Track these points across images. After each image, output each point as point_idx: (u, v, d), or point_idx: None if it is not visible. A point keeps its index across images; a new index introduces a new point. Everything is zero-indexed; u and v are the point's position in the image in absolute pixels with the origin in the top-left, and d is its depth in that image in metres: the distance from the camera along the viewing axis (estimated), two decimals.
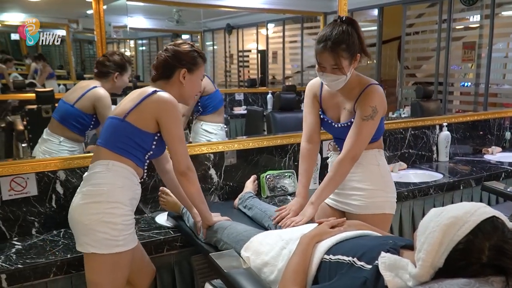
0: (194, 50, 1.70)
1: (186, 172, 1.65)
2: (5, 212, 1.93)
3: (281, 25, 6.35)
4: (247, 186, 2.32)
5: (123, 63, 2.35)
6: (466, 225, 0.97)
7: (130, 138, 1.59)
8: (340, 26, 1.65)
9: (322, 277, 1.25)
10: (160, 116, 1.59)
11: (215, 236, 1.71)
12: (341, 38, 1.63)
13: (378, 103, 1.71)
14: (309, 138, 1.92)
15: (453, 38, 5.03)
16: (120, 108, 1.64)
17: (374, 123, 1.72)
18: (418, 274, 1.01)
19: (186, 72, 1.68)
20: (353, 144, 1.72)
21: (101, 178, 1.56)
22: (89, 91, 2.30)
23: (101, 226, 1.53)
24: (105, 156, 1.59)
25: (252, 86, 6.24)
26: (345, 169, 1.74)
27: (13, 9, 4.19)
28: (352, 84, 1.75)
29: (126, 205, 1.58)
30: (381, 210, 1.80)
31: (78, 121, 2.32)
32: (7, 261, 1.71)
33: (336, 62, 1.65)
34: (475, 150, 3.53)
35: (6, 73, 4.39)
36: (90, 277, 1.60)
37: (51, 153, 2.29)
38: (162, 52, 1.70)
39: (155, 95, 1.60)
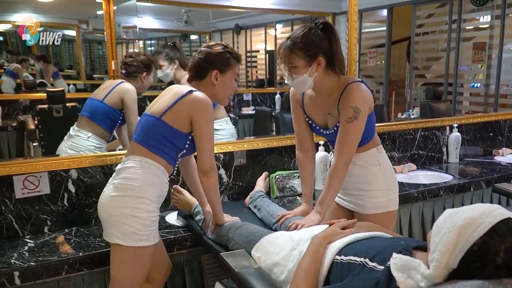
0: (227, 51, 1.72)
1: (209, 171, 1.69)
2: (18, 210, 1.96)
3: (289, 25, 6.35)
4: (258, 183, 2.32)
5: (149, 63, 2.42)
6: (481, 226, 0.97)
7: (165, 137, 1.63)
8: (308, 29, 1.65)
9: (334, 278, 1.24)
10: (194, 115, 1.63)
11: (227, 235, 1.72)
12: (299, 37, 1.63)
13: (358, 101, 1.65)
14: (301, 146, 1.91)
15: (463, 39, 5.01)
16: (156, 106, 1.68)
17: (359, 123, 1.68)
18: (431, 275, 1.00)
19: (218, 73, 1.70)
20: (343, 150, 1.70)
21: (133, 174, 1.61)
22: (116, 86, 2.36)
23: (128, 219, 1.57)
24: (140, 153, 1.63)
25: (260, 86, 6.24)
26: (341, 175, 1.73)
27: (24, 10, 4.22)
28: (331, 87, 1.71)
29: (153, 202, 1.62)
30: (386, 209, 1.80)
31: (108, 116, 2.38)
32: (20, 259, 1.73)
33: (290, 60, 1.66)
34: (485, 152, 3.50)
35: (21, 73, 4.44)
36: (113, 267, 1.65)
37: (79, 148, 2.33)
38: (196, 54, 1.74)
39: (190, 95, 1.64)
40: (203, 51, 1.72)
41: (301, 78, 1.67)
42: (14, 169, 1.93)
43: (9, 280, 1.64)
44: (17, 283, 1.65)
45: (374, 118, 1.81)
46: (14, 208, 1.95)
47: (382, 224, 1.53)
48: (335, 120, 1.74)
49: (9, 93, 4.21)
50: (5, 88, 4.27)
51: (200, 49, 1.74)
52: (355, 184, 1.80)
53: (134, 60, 2.39)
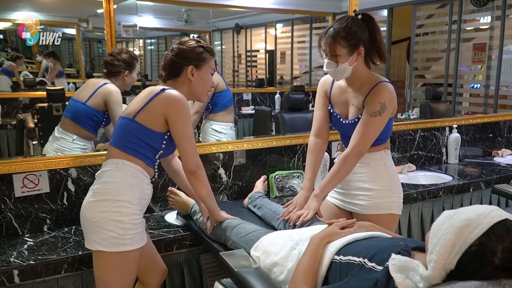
0: (199, 45, 1.69)
1: (196, 170, 1.65)
2: (17, 208, 1.96)
3: (289, 25, 6.35)
4: (257, 186, 2.33)
5: (131, 61, 2.37)
6: (479, 227, 0.97)
7: (140, 138, 1.59)
8: (351, 19, 1.70)
9: (333, 277, 1.25)
10: (168, 114, 1.59)
11: (224, 234, 1.72)
12: (343, 27, 1.68)
13: (387, 99, 1.70)
14: (317, 133, 1.93)
15: (463, 39, 5.01)
16: (130, 108, 1.64)
17: (382, 119, 1.71)
18: (429, 276, 1.01)
19: (193, 68, 1.67)
20: (359, 140, 1.72)
21: (110, 177, 1.58)
22: (100, 87, 2.32)
23: (108, 224, 1.53)
24: (116, 156, 1.60)
25: (260, 86, 6.25)
26: (350, 164, 1.75)
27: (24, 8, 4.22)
28: (363, 80, 1.76)
29: (133, 204, 1.58)
30: (388, 211, 1.80)
31: (91, 118, 2.34)
32: (19, 257, 1.73)
33: (333, 49, 1.69)
34: (484, 153, 3.51)
35: (16, 71, 4.43)
36: (97, 274, 1.61)
37: (64, 151, 2.31)
38: (168, 52, 1.70)
39: (163, 93, 1.60)
40: (175, 48, 1.68)
41: (342, 67, 1.71)
42: (13, 167, 1.93)
43: (8, 278, 1.64)
44: (16, 282, 1.65)
45: (392, 124, 1.85)
46: (13, 206, 1.95)
47: (383, 226, 1.53)
48: (358, 112, 1.77)
49: (5, 91, 4.21)
50: (2, 86, 4.27)
51: (172, 46, 1.70)
52: (358, 183, 1.81)
53: (115, 59, 2.35)
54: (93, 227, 1.55)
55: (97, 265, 1.60)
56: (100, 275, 1.60)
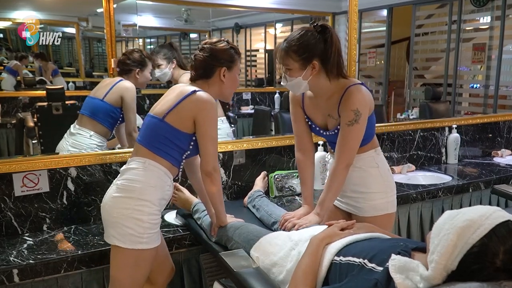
0: (231, 47, 1.71)
1: (212, 173, 1.66)
2: (17, 208, 1.96)
3: (289, 25, 6.35)
4: (257, 183, 2.32)
5: (142, 59, 2.42)
6: (481, 228, 0.97)
7: (169, 139, 1.61)
8: (305, 31, 1.63)
9: (333, 278, 1.25)
10: (197, 115, 1.60)
11: (226, 235, 1.72)
12: (294, 40, 1.63)
13: (359, 105, 1.65)
14: (300, 148, 1.90)
15: (462, 39, 5.01)
16: (159, 107, 1.65)
17: (360, 126, 1.67)
18: (430, 276, 1.01)
19: (225, 70, 1.68)
20: (343, 153, 1.70)
21: (136, 175, 1.59)
22: (116, 84, 2.37)
23: (128, 221, 1.56)
24: (143, 154, 1.62)
25: (260, 85, 6.25)
26: (341, 177, 1.73)
27: (24, 7, 4.22)
28: (331, 90, 1.71)
29: (154, 205, 1.60)
30: (384, 211, 1.80)
31: (109, 114, 2.38)
32: (19, 257, 1.72)
33: (285, 62, 1.66)
34: (484, 153, 3.51)
35: (21, 70, 4.44)
36: (112, 269, 1.63)
37: (81, 146, 2.34)
38: (199, 52, 1.69)
39: (194, 95, 1.61)
40: (207, 48, 1.68)
41: (296, 81, 1.67)
42: (13, 166, 1.92)
43: (8, 277, 1.63)
44: (16, 281, 1.65)
45: (375, 119, 1.81)
46: (13, 205, 1.95)
47: (380, 226, 1.53)
48: (336, 122, 1.74)
49: (8, 90, 4.21)
50: (5, 85, 4.27)
51: (201, 46, 1.70)
52: (353, 186, 1.80)
53: (127, 58, 2.40)
54: (113, 222, 1.58)
55: (112, 260, 1.63)
56: (114, 270, 1.62)
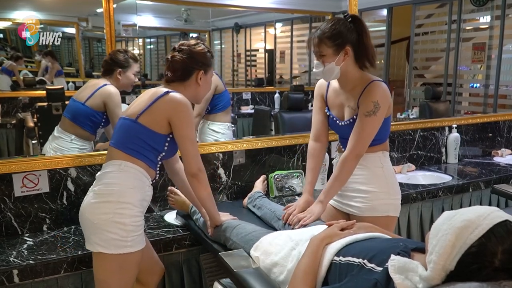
0: (208, 50, 1.70)
1: (197, 174, 1.65)
2: (17, 208, 1.96)
3: (289, 24, 6.35)
4: (257, 185, 2.33)
5: (124, 59, 2.34)
6: (479, 228, 0.97)
7: (143, 140, 1.59)
8: (337, 20, 1.71)
9: (332, 278, 1.25)
10: (172, 117, 1.59)
11: (224, 235, 1.72)
12: (329, 28, 1.69)
13: (380, 98, 1.70)
14: (316, 137, 1.94)
15: (462, 39, 5.01)
16: (132, 109, 1.63)
17: (377, 119, 1.71)
18: (429, 276, 1.01)
19: (202, 73, 1.68)
20: (356, 141, 1.72)
21: (112, 178, 1.57)
22: (99, 89, 2.31)
23: (110, 226, 1.53)
24: (118, 157, 1.59)
25: (260, 85, 6.24)
26: (350, 167, 1.74)
27: (24, 7, 4.21)
28: (355, 82, 1.76)
29: (136, 206, 1.58)
30: (385, 213, 1.80)
31: (90, 119, 2.33)
32: (19, 257, 1.73)
33: (319, 49, 1.71)
34: (484, 152, 3.51)
35: (16, 70, 4.43)
36: (98, 275, 1.60)
37: (62, 150, 2.31)
38: (176, 53, 1.66)
39: (167, 96, 1.60)
40: (186, 50, 1.66)
41: (329, 67, 1.72)
42: (13, 167, 1.93)
43: (8, 278, 1.64)
44: (16, 281, 1.65)
45: (390, 122, 1.84)
46: (13, 206, 1.95)
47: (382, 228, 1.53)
48: (353, 113, 1.77)
49: (4, 90, 4.21)
50: (1, 85, 4.27)
51: (179, 47, 1.67)
52: (354, 185, 1.81)
53: (110, 57, 2.34)
54: (94, 228, 1.55)
55: (97, 266, 1.59)
56: (101, 277, 1.59)
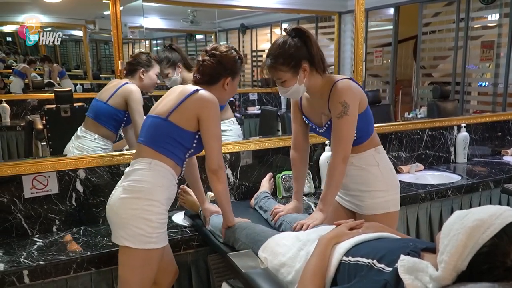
0: (239, 58, 1.73)
1: (218, 170, 1.68)
2: (27, 209, 1.98)
3: (295, 24, 6.28)
4: (263, 185, 2.33)
5: (148, 60, 2.41)
6: (491, 228, 0.96)
7: (173, 138, 1.63)
8: (282, 39, 1.69)
9: (341, 278, 1.24)
10: (201, 113, 1.62)
11: (233, 235, 1.72)
12: (277, 53, 1.67)
13: (346, 96, 1.68)
14: (295, 146, 1.95)
15: (470, 37, 4.97)
16: (161, 107, 1.66)
17: (350, 118, 1.69)
18: (440, 276, 1.00)
19: (230, 79, 1.71)
20: (337, 145, 1.72)
21: (142, 175, 1.60)
22: (120, 87, 2.36)
23: (137, 221, 1.56)
24: (148, 155, 1.63)
25: (266, 86, 6.23)
26: (340, 171, 1.74)
27: (32, 10, 4.25)
28: (321, 88, 1.75)
29: (162, 204, 1.62)
30: (385, 210, 1.81)
31: (112, 118, 2.38)
32: (29, 258, 1.74)
33: (277, 77, 1.70)
34: (493, 152, 3.48)
35: (29, 73, 4.47)
36: (122, 270, 1.64)
37: (85, 149, 2.35)
38: (207, 58, 1.69)
39: (197, 94, 1.64)
40: (217, 55, 1.69)
41: (293, 89, 1.72)
42: (23, 169, 1.95)
43: (18, 278, 1.65)
44: (26, 282, 1.67)
45: (371, 116, 1.82)
46: (23, 207, 1.97)
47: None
48: (327, 119, 1.78)
49: (17, 93, 4.25)
50: (14, 88, 4.30)
51: (211, 52, 1.70)
52: (355, 185, 1.82)
53: (133, 59, 2.41)
54: (122, 223, 1.58)
55: (122, 261, 1.63)
56: (124, 270, 1.63)
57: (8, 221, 1.95)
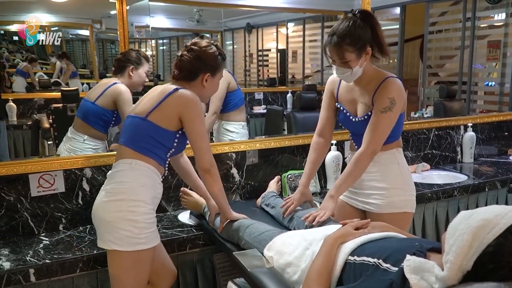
0: (219, 54, 1.70)
1: (209, 169, 1.66)
2: (33, 208, 1.99)
3: (301, 24, 6.32)
4: (271, 186, 2.32)
5: (137, 57, 2.36)
6: (496, 227, 0.96)
7: (153, 138, 1.60)
8: (349, 20, 1.67)
9: (347, 278, 1.24)
10: (183, 113, 1.60)
11: (237, 234, 1.72)
12: (346, 33, 1.65)
13: (396, 94, 1.69)
14: (321, 132, 1.95)
15: (477, 37, 4.93)
16: (141, 107, 1.64)
17: (393, 115, 1.70)
18: (446, 276, 1.00)
19: (209, 75, 1.68)
20: (372, 138, 1.71)
21: (124, 177, 1.58)
22: (109, 87, 2.34)
23: (123, 223, 1.55)
24: (128, 155, 1.61)
25: (272, 85, 6.23)
26: (364, 164, 1.74)
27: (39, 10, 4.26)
28: (370, 78, 1.75)
29: (148, 204, 1.59)
30: (402, 209, 1.80)
31: (100, 117, 2.36)
32: (35, 256, 1.75)
33: (342, 56, 1.67)
34: (500, 151, 3.46)
35: (31, 72, 4.49)
36: (112, 273, 1.62)
37: (75, 151, 2.34)
38: (186, 52, 1.67)
39: (177, 93, 1.61)
40: (195, 50, 1.66)
41: (355, 70, 1.70)
42: (29, 167, 1.96)
43: (24, 277, 1.66)
44: (32, 280, 1.68)
45: (403, 120, 1.83)
46: (29, 206, 1.98)
47: (397, 225, 1.53)
48: (367, 109, 1.76)
49: (20, 92, 4.27)
50: (17, 87, 4.33)
51: (190, 47, 1.68)
52: (371, 182, 1.80)
53: (123, 56, 2.36)
54: (108, 226, 1.56)
55: (112, 264, 1.61)
56: (115, 274, 1.61)
57: (14, 219, 1.96)
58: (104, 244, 1.60)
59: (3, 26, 4.59)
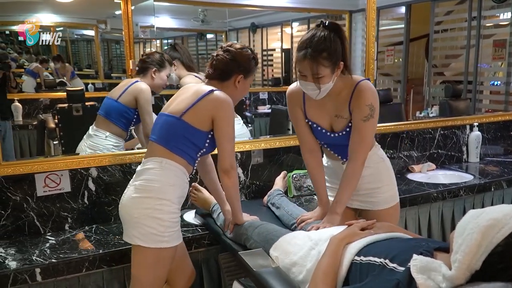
0: (253, 57, 1.73)
1: (229, 170, 1.68)
2: (39, 207, 2.00)
3: (306, 23, 6.30)
4: (277, 183, 2.32)
5: (161, 60, 2.42)
6: (505, 227, 0.95)
7: (186, 137, 1.63)
8: (322, 32, 1.56)
9: (353, 278, 1.24)
10: (215, 114, 1.62)
11: (245, 234, 1.72)
12: (322, 46, 1.54)
13: (373, 99, 1.66)
14: (307, 148, 1.85)
15: (483, 36, 4.91)
16: (175, 106, 1.67)
17: (375, 120, 1.68)
18: (453, 276, 0.99)
19: (242, 77, 1.71)
20: (360, 148, 1.70)
21: (154, 175, 1.60)
22: (131, 85, 2.38)
23: (149, 220, 1.57)
24: (159, 154, 1.63)
25: (276, 85, 6.22)
26: (358, 175, 1.73)
27: (44, 10, 4.28)
28: (338, 87, 1.67)
29: (174, 203, 1.62)
30: (394, 202, 1.86)
31: (122, 115, 2.39)
32: (41, 256, 1.76)
33: (317, 71, 1.56)
34: (506, 151, 3.44)
35: (42, 72, 4.52)
36: (134, 268, 1.65)
37: (97, 147, 2.36)
38: (222, 53, 1.70)
39: (212, 95, 1.63)
40: (231, 51, 1.69)
41: (326, 87, 1.62)
42: (35, 167, 1.97)
43: (30, 276, 1.67)
44: (39, 280, 1.69)
45: None
46: (35, 205, 1.99)
47: (391, 218, 1.55)
48: (345, 122, 1.71)
49: (30, 92, 4.29)
50: (26, 87, 4.34)
51: (226, 47, 1.70)
52: (367, 185, 1.82)
53: (147, 57, 2.41)
54: (134, 222, 1.59)
55: (135, 260, 1.64)
56: (136, 270, 1.64)
57: (20, 219, 1.97)
58: (129, 239, 1.63)
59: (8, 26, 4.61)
